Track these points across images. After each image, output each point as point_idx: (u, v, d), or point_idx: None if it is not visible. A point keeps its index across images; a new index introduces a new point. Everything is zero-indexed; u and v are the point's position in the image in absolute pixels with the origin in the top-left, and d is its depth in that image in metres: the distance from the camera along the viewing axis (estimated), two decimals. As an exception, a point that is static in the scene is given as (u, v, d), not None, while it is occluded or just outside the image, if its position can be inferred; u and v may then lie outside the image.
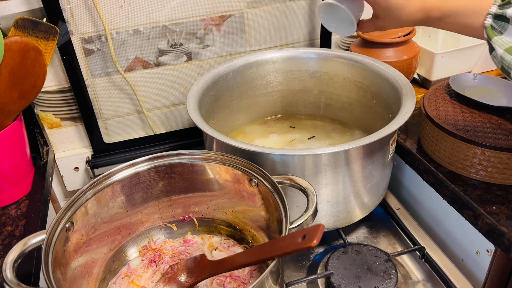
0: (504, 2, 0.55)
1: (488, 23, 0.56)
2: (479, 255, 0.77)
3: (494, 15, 0.56)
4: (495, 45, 0.55)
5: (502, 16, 0.54)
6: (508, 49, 0.54)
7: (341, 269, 0.75)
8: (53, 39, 0.80)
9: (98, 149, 1.03)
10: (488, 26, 0.56)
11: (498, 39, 0.55)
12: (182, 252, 0.76)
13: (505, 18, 0.54)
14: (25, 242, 0.59)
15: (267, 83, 1.00)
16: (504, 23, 0.55)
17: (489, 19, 0.56)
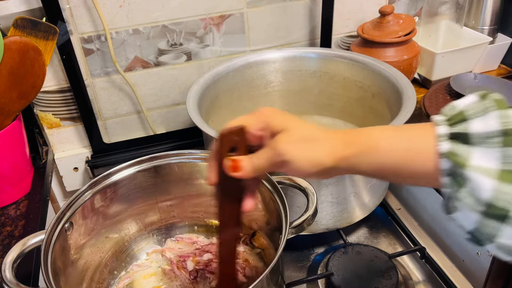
0: (452, 119, 0.40)
1: (445, 148, 0.38)
2: (480, 256, 0.77)
3: (450, 135, 0.39)
4: (474, 173, 0.36)
5: (462, 135, 0.38)
6: (502, 176, 0.36)
7: (342, 270, 0.75)
8: (53, 39, 0.80)
9: (98, 149, 1.02)
10: (448, 152, 0.38)
11: (474, 166, 0.37)
12: (190, 254, 0.76)
13: (465, 138, 0.38)
14: (25, 242, 0.59)
15: (267, 83, 1.00)
16: (466, 146, 0.38)
17: (445, 144, 0.39)
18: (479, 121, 0.38)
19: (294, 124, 0.44)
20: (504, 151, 0.36)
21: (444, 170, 0.38)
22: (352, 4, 1.06)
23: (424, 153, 0.40)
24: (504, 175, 0.36)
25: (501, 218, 0.36)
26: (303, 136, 0.43)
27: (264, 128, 0.45)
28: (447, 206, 0.40)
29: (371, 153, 0.42)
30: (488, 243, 0.38)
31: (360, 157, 0.42)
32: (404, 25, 0.98)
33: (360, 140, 0.42)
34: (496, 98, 0.39)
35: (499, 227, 0.36)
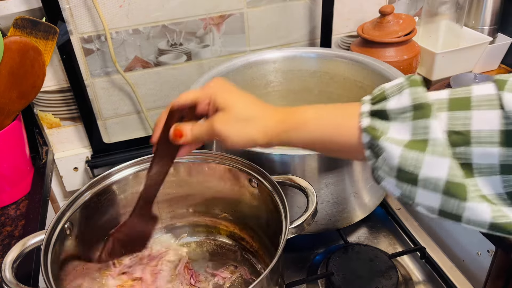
0: (374, 99, 0.44)
1: (365, 123, 0.43)
2: (480, 256, 0.77)
3: (370, 112, 0.43)
4: (386, 143, 0.41)
5: (381, 112, 0.43)
6: (408, 145, 0.40)
7: (342, 270, 0.75)
8: (53, 39, 0.80)
9: (98, 149, 1.02)
10: (367, 127, 0.43)
11: (388, 137, 0.41)
12: None
13: (384, 114, 0.42)
14: (24, 242, 0.59)
15: (267, 83, 1.00)
16: (384, 122, 0.42)
17: (366, 120, 0.43)
18: (395, 99, 0.42)
19: (234, 103, 0.49)
20: (413, 124, 0.40)
21: (365, 143, 0.43)
22: (352, 4, 1.06)
23: (349, 128, 0.44)
24: (410, 144, 0.40)
25: (412, 182, 0.40)
26: (239, 116, 0.48)
27: (209, 103, 0.50)
28: (373, 176, 0.44)
29: (300, 130, 0.47)
30: (412, 204, 0.42)
31: (290, 133, 0.47)
32: (404, 25, 0.98)
33: (291, 118, 0.47)
34: (414, 79, 0.42)
35: (414, 190, 0.41)
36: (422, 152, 0.39)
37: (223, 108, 0.49)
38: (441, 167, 0.39)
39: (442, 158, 0.39)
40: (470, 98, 0.40)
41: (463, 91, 0.41)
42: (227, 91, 0.51)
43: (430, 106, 0.40)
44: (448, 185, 0.39)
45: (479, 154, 0.38)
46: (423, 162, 0.39)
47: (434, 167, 0.39)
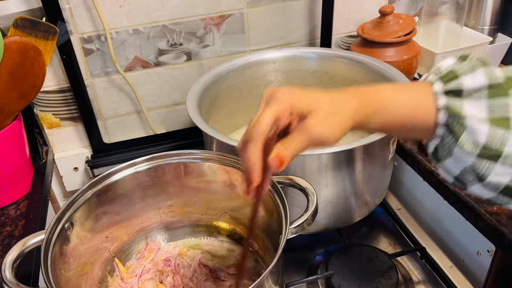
0: (444, 77, 0.45)
1: (442, 102, 0.44)
2: (480, 256, 0.77)
3: (445, 91, 0.45)
4: (472, 121, 0.42)
5: (456, 90, 0.44)
6: (493, 122, 0.42)
7: (342, 270, 0.75)
8: (53, 39, 0.80)
9: (98, 149, 1.02)
10: (446, 106, 0.44)
11: (469, 116, 0.43)
12: None
13: (458, 92, 0.44)
14: (24, 242, 0.59)
15: (267, 83, 1.00)
16: (459, 99, 0.44)
17: (442, 99, 0.44)
18: (469, 78, 0.43)
19: (317, 102, 0.45)
20: (490, 102, 0.43)
21: (442, 122, 0.44)
22: (352, 4, 1.06)
23: (424, 109, 0.45)
24: (494, 121, 0.42)
25: (495, 158, 0.42)
26: (329, 113, 0.45)
27: (291, 113, 0.45)
28: (438, 155, 0.46)
29: (381, 113, 0.47)
30: (475, 183, 0.45)
31: (371, 117, 0.47)
32: (404, 25, 0.98)
33: (371, 102, 0.47)
34: (480, 58, 0.45)
35: (493, 166, 0.43)
36: (508, 130, 0.42)
37: (311, 111, 0.44)
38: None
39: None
40: None
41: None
42: (300, 94, 0.46)
43: (506, 86, 0.42)
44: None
45: None
46: (509, 139, 0.42)
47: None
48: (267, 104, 0.46)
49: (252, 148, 0.44)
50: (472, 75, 0.44)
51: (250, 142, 0.44)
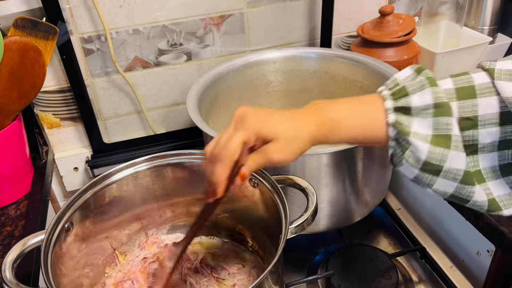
0: (395, 94, 0.48)
1: (392, 119, 0.48)
2: (480, 255, 0.77)
3: (394, 108, 0.48)
4: (414, 139, 0.46)
5: (404, 108, 0.47)
6: (433, 141, 0.46)
7: (341, 270, 0.75)
8: (53, 39, 0.80)
9: (98, 149, 1.02)
10: (394, 122, 0.47)
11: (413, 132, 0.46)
12: None
13: (407, 110, 0.47)
14: (25, 242, 0.59)
15: (267, 83, 1.00)
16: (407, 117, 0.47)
17: (392, 115, 0.48)
18: (417, 96, 0.47)
19: (278, 129, 0.50)
20: (435, 120, 0.46)
21: (391, 136, 0.48)
22: (352, 4, 1.06)
23: (377, 124, 0.49)
24: (435, 140, 0.46)
25: (436, 173, 0.47)
26: (288, 140, 0.50)
27: (257, 139, 0.50)
28: (393, 162, 0.50)
29: (336, 132, 0.50)
30: (427, 187, 0.49)
31: (328, 137, 0.51)
32: (404, 25, 0.98)
33: (328, 124, 0.50)
34: (429, 76, 0.47)
35: (434, 179, 0.47)
36: (448, 148, 0.45)
37: (272, 138, 0.50)
38: (461, 159, 0.46)
39: (461, 152, 0.45)
40: (474, 87, 0.46)
41: (465, 80, 0.47)
42: (265, 121, 0.51)
43: (449, 105, 0.45)
44: (465, 174, 0.46)
45: (485, 134, 0.46)
46: (447, 156, 0.45)
47: (456, 160, 0.45)
48: (236, 128, 0.50)
49: (220, 169, 0.50)
50: (420, 94, 0.47)
51: (218, 162, 0.50)
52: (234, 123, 0.51)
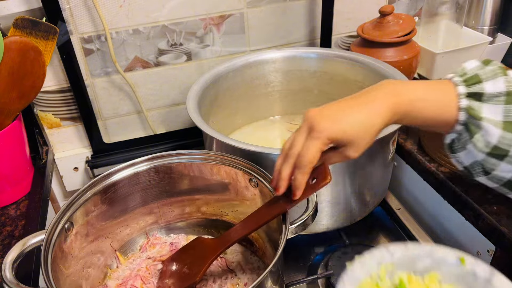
0: (468, 81, 0.52)
1: (464, 104, 0.51)
2: (480, 256, 0.77)
3: (467, 94, 0.51)
4: (486, 124, 0.50)
5: (477, 94, 0.51)
6: (505, 126, 0.50)
7: (342, 270, 0.75)
8: (53, 39, 0.80)
9: (98, 149, 1.02)
10: (467, 107, 0.51)
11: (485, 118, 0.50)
12: None
13: (479, 96, 0.51)
14: (25, 242, 0.59)
15: (267, 83, 1.00)
16: (478, 103, 0.51)
17: (464, 101, 0.51)
18: (490, 84, 0.50)
19: (352, 131, 0.51)
20: (506, 107, 0.50)
21: (461, 120, 0.51)
22: (352, 4, 1.06)
23: (448, 108, 0.52)
24: (506, 125, 0.49)
25: (501, 157, 0.50)
26: (364, 136, 0.51)
27: (331, 142, 0.52)
28: (453, 147, 0.54)
29: (411, 113, 0.52)
30: (481, 175, 0.54)
31: (402, 118, 0.53)
32: (404, 25, 0.98)
33: (403, 106, 0.52)
34: (500, 65, 0.51)
35: (498, 163, 0.51)
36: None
37: (348, 143, 0.52)
38: None
39: None
40: None
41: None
42: (335, 121, 0.51)
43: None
44: None
45: None
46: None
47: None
48: (309, 133, 0.52)
49: (300, 176, 0.53)
50: (493, 82, 0.50)
51: (298, 169, 0.53)
52: (307, 128, 0.52)
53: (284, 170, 0.54)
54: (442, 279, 0.42)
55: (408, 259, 0.43)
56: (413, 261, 0.43)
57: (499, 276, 0.39)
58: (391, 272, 0.42)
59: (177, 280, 0.67)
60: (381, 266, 0.42)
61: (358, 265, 0.43)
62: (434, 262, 0.42)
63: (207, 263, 0.64)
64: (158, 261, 0.73)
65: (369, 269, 0.42)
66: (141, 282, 0.70)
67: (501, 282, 0.39)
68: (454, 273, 0.41)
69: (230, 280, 0.70)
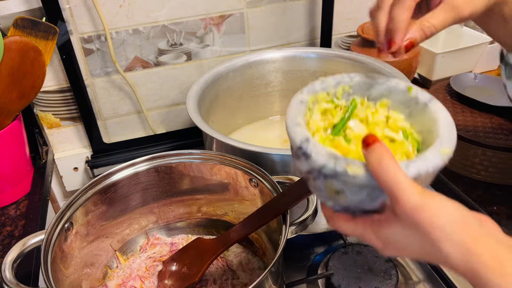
0: None
1: None
2: (480, 256, 0.77)
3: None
4: None
5: None
6: None
7: (342, 270, 0.75)
8: (53, 39, 0.80)
9: (98, 149, 1.02)
10: None
11: None
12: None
13: None
14: (24, 242, 0.59)
15: (267, 83, 1.00)
16: None
17: None
18: None
19: None
20: None
21: None
22: (352, 4, 1.06)
23: None
24: None
25: None
26: None
27: None
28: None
29: None
30: None
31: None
32: (404, 25, 0.98)
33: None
34: None
35: None
36: None
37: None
38: None
39: None
40: None
41: None
42: None
43: None
44: None
45: None
46: None
47: None
48: None
49: (400, 11, 0.43)
50: None
51: (396, 4, 0.43)
52: None
53: (381, 17, 0.43)
54: (391, 106, 0.44)
55: (365, 84, 0.45)
56: (369, 87, 0.45)
57: (436, 101, 0.42)
58: (348, 94, 0.45)
59: (176, 280, 0.67)
60: (340, 87, 0.45)
61: (319, 82, 0.46)
62: (387, 89, 0.44)
63: (207, 264, 0.64)
64: (158, 262, 0.73)
65: (328, 86, 0.46)
66: (141, 283, 0.70)
67: (435, 105, 0.42)
68: (401, 100, 0.43)
69: (230, 280, 0.70)
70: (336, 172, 0.36)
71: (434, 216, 0.34)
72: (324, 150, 0.38)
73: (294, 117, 0.42)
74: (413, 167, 0.36)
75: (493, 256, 0.33)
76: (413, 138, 0.41)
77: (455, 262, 0.34)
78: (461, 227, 0.34)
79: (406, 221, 0.35)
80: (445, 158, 0.37)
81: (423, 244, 0.36)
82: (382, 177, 0.34)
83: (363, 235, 0.41)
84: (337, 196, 0.40)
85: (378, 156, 0.35)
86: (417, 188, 0.34)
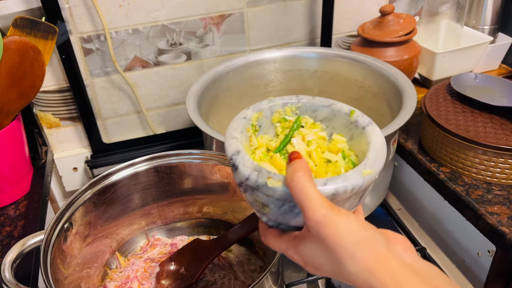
0: None
1: None
2: (480, 256, 0.77)
3: None
4: None
5: None
6: None
7: (342, 270, 0.75)
8: (52, 39, 0.79)
9: (97, 149, 1.02)
10: None
11: None
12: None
13: None
14: (24, 242, 0.59)
15: (267, 83, 1.00)
16: None
17: None
18: None
19: None
20: None
21: None
22: (352, 3, 1.06)
23: None
24: None
25: None
26: None
27: None
28: None
29: None
30: None
31: None
32: (404, 24, 0.98)
33: None
34: None
35: None
36: None
37: None
38: None
39: None
40: None
41: None
42: None
43: None
44: None
45: None
46: None
47: None
48: None
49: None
50: None
51: None
52: None
53: None
54: (335, 128, 0.47)
55: (311, 106, 0.47)
56: (316, 109, 0.47)
57: (373, 125, 0.44)
58: (296, 114, 0.47)
59: (174, 281, 0.67)
60: (287, 107, 0.47)
61: (266, 101, 0.47)
62: (331, 112, 0.46)
63: (204, 265, 0.64)
64: (158, 262, 0.73)
65: (275, 106, 0.47)
66: (139, 283, 0.70)
67: (372, 129, 0.44)
68: (344, 123, 0.46)
69: (230, 280, 0.70)
70: (258, 185, 0.38)
71: (337, 234, 0.35)
72: (250, 162, 0.39)
73: (232, 130, 0.44)
74: (331, 184, 0.37)
75: (393, 278, 0.34)
76: (349, 160, 0.43)
77: (357, 282, 0.35)
78: (364, 247, 0.35)
79: (315, 236, 0.36)
80: (367, 178, 0.39)
81: (331, 261, 0.36)
82: (294, 189, 0.36)
83: (287, 252, 0.41)
84: (264, 209, 0.40)
85: (292, 170, 0.36)
86: (325, 203, 0.35)
